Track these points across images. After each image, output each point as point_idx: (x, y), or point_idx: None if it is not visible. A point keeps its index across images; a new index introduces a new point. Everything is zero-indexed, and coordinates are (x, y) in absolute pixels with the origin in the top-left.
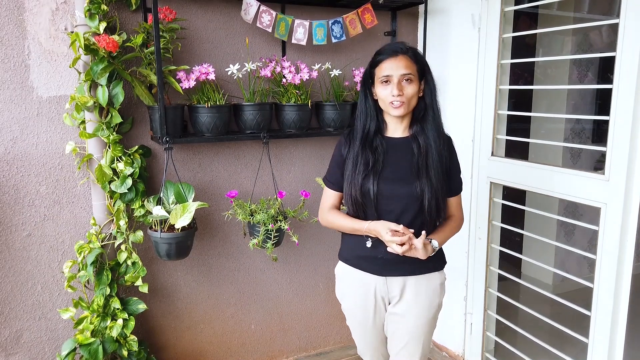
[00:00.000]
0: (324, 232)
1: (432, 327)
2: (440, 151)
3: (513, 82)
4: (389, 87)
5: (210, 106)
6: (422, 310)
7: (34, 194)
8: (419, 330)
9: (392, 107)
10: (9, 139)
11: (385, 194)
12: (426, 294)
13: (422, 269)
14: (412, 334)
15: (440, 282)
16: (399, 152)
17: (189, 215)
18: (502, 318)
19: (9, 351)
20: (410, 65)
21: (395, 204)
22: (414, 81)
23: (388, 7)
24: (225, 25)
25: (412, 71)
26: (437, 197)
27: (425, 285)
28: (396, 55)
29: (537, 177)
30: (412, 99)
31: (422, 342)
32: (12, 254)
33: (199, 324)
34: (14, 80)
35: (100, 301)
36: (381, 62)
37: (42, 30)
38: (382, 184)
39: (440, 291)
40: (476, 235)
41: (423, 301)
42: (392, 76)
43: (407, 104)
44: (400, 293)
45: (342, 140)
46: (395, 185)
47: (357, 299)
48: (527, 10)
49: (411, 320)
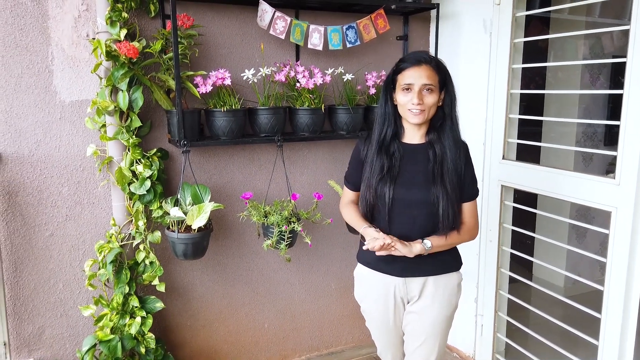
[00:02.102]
0: (336, 234)
1: (448, 327)
2: (456, 159)
3: (524, 85)
4: (410, 94)
5: (226, 110)
6: (440, 309)
7: (57, 195)
8: (436, 328)
9: (411, 115)
10: (33, 142)
11: (400, 199)
12: (444, 293)
13: (440, 269)
14: (429, 333)
15: (457, 282)
16: (415, 158)
17: (205, 216)
18: (513, 320)
19: (32, 347)
20: (432, 75)
21: (409, 210)
22: (435, 91)
23: (400, 12)
24: (241, 31)
25: (434, 82)
26: (451, 204)
27: (444, 285)
28: (420, 64)
29: (548, 181)
30: (432, 108)
31: (438, 341)
32: (35, 253)
33: (214, 322)
34: (38, 85)
35: (119, 299)
36: (404, 70)
37: (65, 37)
38: (397, 189)
39: (457, 291)
40: (487, 238)
41: (441, 300)
42: (413, 84)
43: (426, 113)
44: (420, 293)
45: (360, 143)
46: (411, 191)
47: (377, 300)
48: (538, 14)
49: (429, 319)
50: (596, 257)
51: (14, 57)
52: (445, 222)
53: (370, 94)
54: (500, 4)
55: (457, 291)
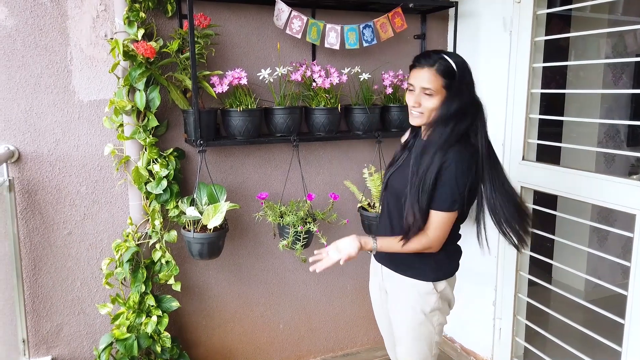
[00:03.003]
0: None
1: (423, 336)
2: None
3: (545, 84)
4: (411, 95)
5: (242, 110)
6: (403, 312)
7: (75, 193)
8: (403, 332)
9: (411, 116)
10: (52, 141)
11: (389, 189)
12: (403, 296)
13: (400, 268)
14: (398, 336)
15: (422, 291)
16: (415, 153)
17: (221, 216)
18: (532, 324)
19: (50, 344)
20: (432, 79)
21: (393, 199)
22: (435, 96)
23: (418, 11)
24: (257, 31)
25: (434, 87)
26: (412, 197)
27: (407, 288)
28: (422, 67)
29: (569, 182)
30: (433, 111)
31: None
32: (53, 251)
33: (229, 322)
34: (57, 85)
35: (135, 298)
36: (411, 70)
37: (83, 37)
38: (390, 180)
39: (421, 300)
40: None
41: (404, 302)
42: (415, 86)
43: (426, 116)
44: (390, 286)
45: None
46: (395, 181)
47: (372, 286)
48: (560, 12)
49: (394, 318)
50: (619, 260)
51: (34, 57)
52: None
53: (386, 93)
54: (521, 2)
55: (422, 300)
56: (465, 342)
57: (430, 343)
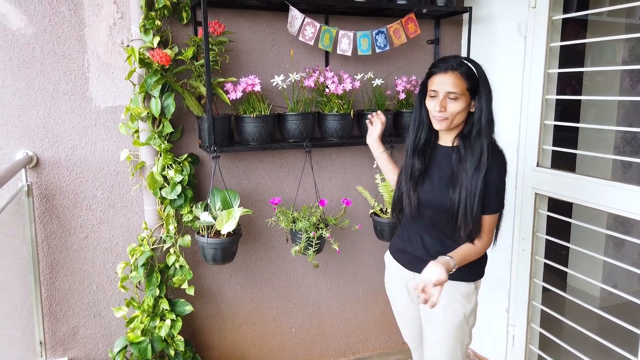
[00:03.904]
0: (364, 240)
1: (458, 338)
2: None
3: (560, 90)
4: (435, 101)
5: (256, 116)
6: (443, 316)
7: (91, 198)
8: (440, 336)
9: (435, 121)
10: (70, 147)
11: (422, 201)
12: (444, 299)
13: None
14: (434, 340)
15: (464, 292)
16: (442, 161)
17: (234, 221)
18: (546, 332)
19: (67, 346)
20: (458, 83)
21: (429, 211)
22: (460, 99)
23: (431, 16)
24: (271, 37)
25: (459, 90)
26: (467, 210)
27: (449, 291)
28: (446, 71)
29: (585, 190)
30: (457, 115)
31: (444, 349)
32: (70, 255)
33: (242, 325)
34: (74, 91)
35: (150, 302)
36: (432, 76)
37: (100, 44)
38: (420, 189)
39: (463, 301)
40: (520, 247)
41: (443, 307)
42: (438, 91)
43: (451, 120)
44: None
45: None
46: (431, 194)
47: (395, 288)
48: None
49: (432, 323)
50: (635, 270)
51: (52, 65)
52: (461, 226)
53: (399, 99)
54: (536, 7)
55: (465, 301)
56: (478, 348)
57: (463, 345)
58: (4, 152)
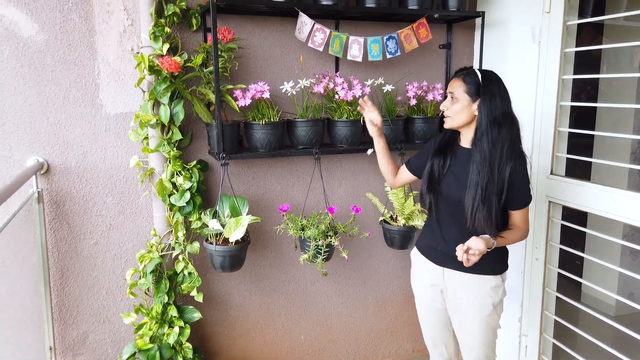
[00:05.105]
0: (374, 247)
1: (490, 325)
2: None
3: (574, 96)
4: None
5: (265, 123)
6: (471, 308)
7: (101, 204)
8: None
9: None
10: (80, 153)
11: (443, 198)
12: (475, 293)
13: (475, 269)
14: (467, 329)
15: (493, 285)
16: (462, 160)
17: (242, 229)
18: (559, 342)
19: (76, 351)
20: (458, 85)
21: (449, 208)
22: (460, 100)
23: (443, 21)
24: (280, 43)
25: (458, 91)
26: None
27: (478, 285)
28: (455, 77)
29: (599, 199)
30: (457, 115)
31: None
32: (80, 261)
33: (251, 332)
34: (85, 98)
35: (158, 308)
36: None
37: (110, 51)
38: (442, 188)
39: (492, 293)
40: (533, 256)
41: (472, 300)
42: (448, 94)
43: (452, 120)
44: (453, 286)
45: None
46: (451, 193)
47: (422, 283)
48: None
49: (461, 316)
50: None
51: (63, 72)
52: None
53: (410, 104)
54: (551, 12)
55: (493, 293)
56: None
57: (494, 330)
58: (15, 158)
